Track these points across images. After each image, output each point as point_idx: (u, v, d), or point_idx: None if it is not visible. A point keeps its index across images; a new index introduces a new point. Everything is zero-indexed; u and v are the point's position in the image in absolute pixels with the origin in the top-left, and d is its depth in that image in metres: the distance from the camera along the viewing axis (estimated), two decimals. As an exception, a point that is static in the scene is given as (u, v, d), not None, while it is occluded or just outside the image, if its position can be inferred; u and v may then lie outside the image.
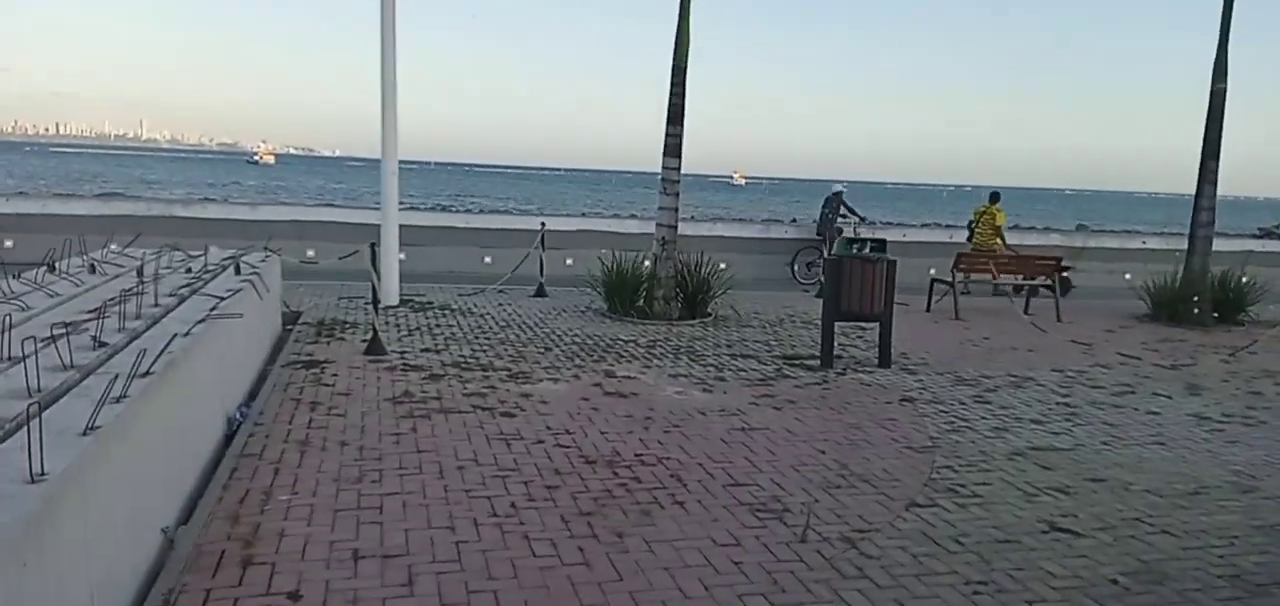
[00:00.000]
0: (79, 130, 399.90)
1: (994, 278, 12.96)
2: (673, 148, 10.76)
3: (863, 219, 16.94)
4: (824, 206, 16.28)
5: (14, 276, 5.87)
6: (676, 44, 10.60)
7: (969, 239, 15.29)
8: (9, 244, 12.01)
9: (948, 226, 21.45)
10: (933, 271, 13.73)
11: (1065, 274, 15.35)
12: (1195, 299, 12.41)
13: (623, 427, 6.09)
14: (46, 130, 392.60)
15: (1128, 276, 16.19)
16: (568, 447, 5.58)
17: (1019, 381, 8.21)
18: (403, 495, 4.64)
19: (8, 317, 4.08)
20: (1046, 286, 12.74)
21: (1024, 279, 13.10)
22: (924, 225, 24.03)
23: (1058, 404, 7.43)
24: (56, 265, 6.63)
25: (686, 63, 10.64)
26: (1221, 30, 12.38)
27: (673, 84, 10.68)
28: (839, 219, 16.04)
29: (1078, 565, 4.23)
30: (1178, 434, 6.67)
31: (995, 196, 15.01)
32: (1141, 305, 13.14)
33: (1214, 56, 12.54)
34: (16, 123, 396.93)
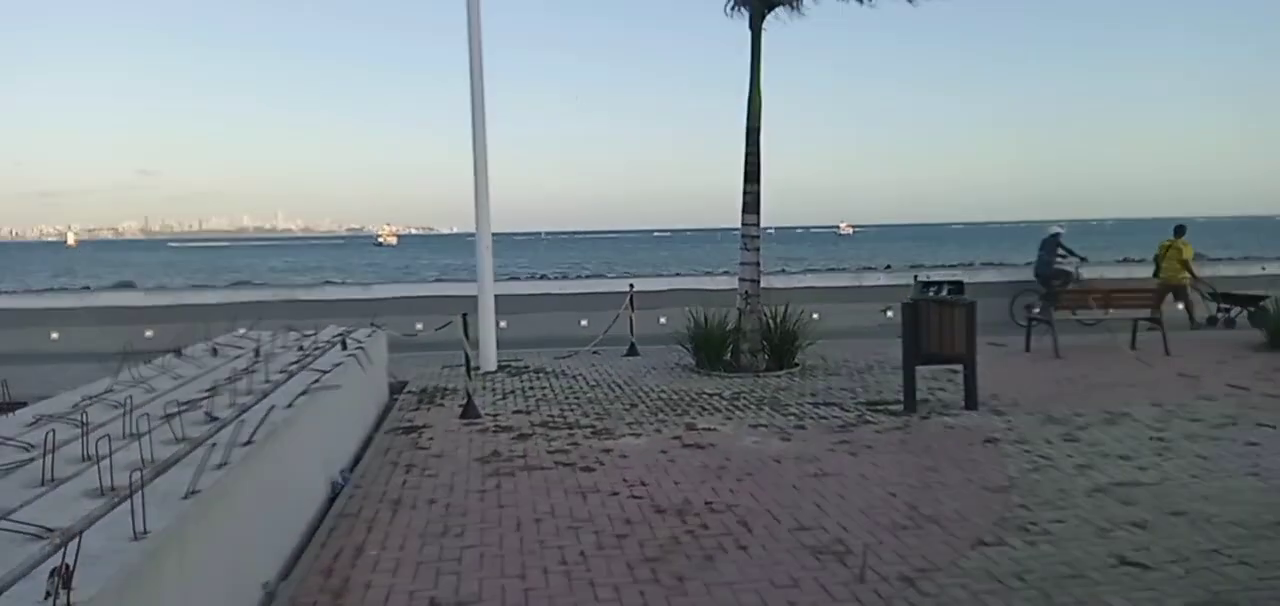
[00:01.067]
0: (220, 225, 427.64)
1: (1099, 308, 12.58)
2: (751, 204, 11.01)
3: (1083, 258, 16.63)
4: (1041, 249, 16.04)
5: (144, 362, 6.54)
6: (749, 108, 10.92)
7: (1155, 273, 15.20)
8: (149, 333, 13.13)
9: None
10: (1036, 309, 13.41)
11: (1264, 302, 14.69)
12: None
13: (697, 478, 6.29)
14: (190, 227, 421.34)
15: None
16: (640, 498, 5.82)
17: (1113, 418, 8.00)
18: (481, 547, 4.97)
19: (129, 398, 4.62)
20: (1152, 320, 12.27)
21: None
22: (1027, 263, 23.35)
23: (1151, 439, 7.23)
24: (182, 350, 7.33)
25: (759, 124, 10.93)
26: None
27: (748, 144, 10.97)
28: (1057, 259, 15.85)
29: (1143, 598, 4.19)
30: (1276, 464, 6.40)
31: (1181, 229, 14.95)
32: (1259, 335, 12.52)
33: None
34: (164, 222, 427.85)
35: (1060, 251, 15.77)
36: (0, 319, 15.04)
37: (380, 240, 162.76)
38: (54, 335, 14.80)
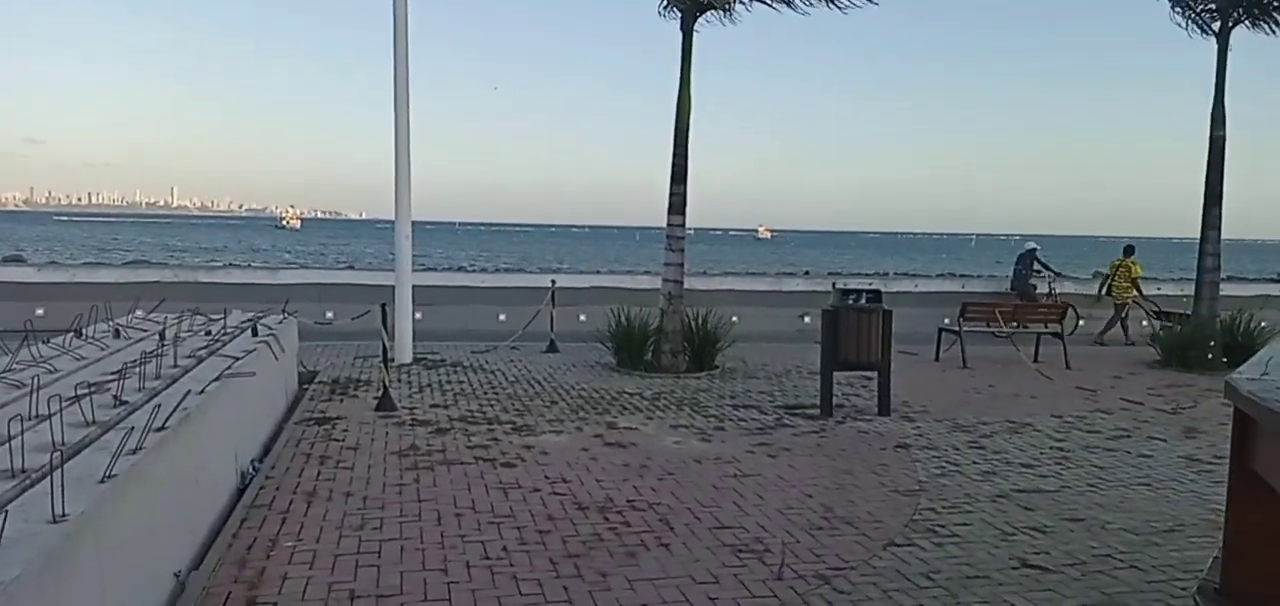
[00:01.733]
0: (111, 199, 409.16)
1: (997, 324, 13.08)
2: (677, 205, 11.11)
3: (1058, 274, 17.11)
4: (1017, 263, 16.55)
5: (43, 342, 6.23)
6: (678, 109, 11.01)
7: (1106, 292, 15.82)
8: (40, 312, 12.46)
9: (960, 276, 21.61)
10: (946, 320, 13.86)
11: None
12: (1211, 344, 12.46)
13: (618, 476, 6.33)
14: (79, 200, 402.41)
15: (1144, 324, 16.22)
16: (562, 495, 5.83)
17: (1016, 427, 8.35)
18: (401, 541, 4.91)
19: (35, 379, 4.41)
20: (1054, 334, 12.83)
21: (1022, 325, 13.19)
22: (940, 275, 24.25)
23: (1051, 448, 7.57)
24: (83, 331, 7.00)
25: (688, 126, 11.04)
26: (1217, 78, 12.62)
27: (676, 145, 11.05)
28: (1032, 275, 16.31)
29: (1042, 598, 4.40)
30: (1166, 475, 6.80)
31: (1130, 249, 15.61)
32: (1153, 352, 13.22)
33: (1212, 104, 12.77)
34: (50, 194, 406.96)
35: (1036, 266, 16.39)
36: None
37: (283, 222, 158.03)
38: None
